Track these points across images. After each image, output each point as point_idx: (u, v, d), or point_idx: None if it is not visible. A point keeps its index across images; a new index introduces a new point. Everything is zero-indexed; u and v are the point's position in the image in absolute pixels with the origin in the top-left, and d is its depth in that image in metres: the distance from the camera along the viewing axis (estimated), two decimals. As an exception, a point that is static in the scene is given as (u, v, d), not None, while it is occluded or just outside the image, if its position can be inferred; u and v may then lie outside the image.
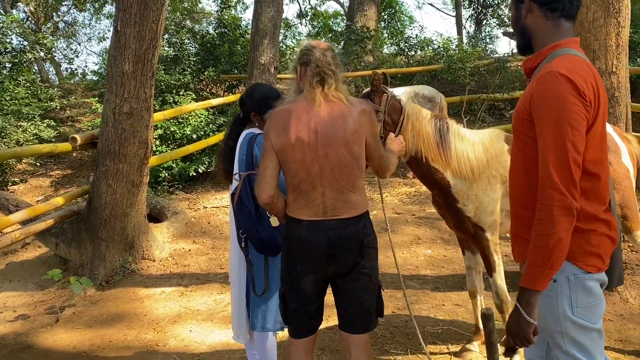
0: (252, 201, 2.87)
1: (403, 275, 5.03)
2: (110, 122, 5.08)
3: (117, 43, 4.93)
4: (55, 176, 9.75)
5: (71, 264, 5.62)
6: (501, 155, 3.27)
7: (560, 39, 1.91)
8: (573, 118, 1.74)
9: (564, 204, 1.74)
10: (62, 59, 20.09)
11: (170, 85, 9.37)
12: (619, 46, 4.23)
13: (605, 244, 1.91)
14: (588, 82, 1.78)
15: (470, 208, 3.23)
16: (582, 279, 1.87)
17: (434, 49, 11.53)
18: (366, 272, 2.48)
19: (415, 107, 3.24)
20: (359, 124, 2.40)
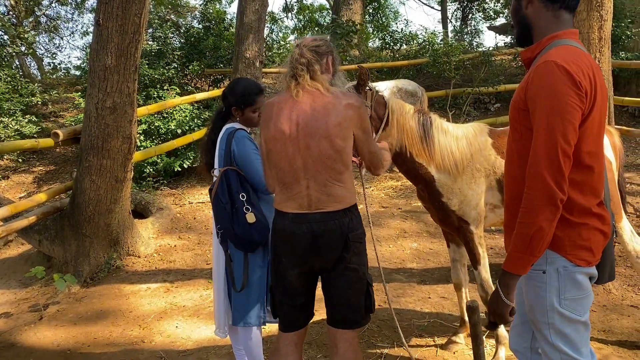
0: (227, 197, 2.88)
1: (390, 269, 5.06)
2: (93, 117, 5.01)
3: (99, 37, 4.86)
4: (38, 172, 9.62)
5: (55, 261, 5.55)
6: (485, 149, 3.28)
7: (559, 30, 1.92)
8: (565, 109, 1.74)
9: (547, 194, 1.75)
10: (44, 53, 19.77)
11: (154, 79, 9.28)
12: (601, 39, 4.27)
13: (597, 238, 1.92)
14: (585, 72, 1.78)
15: (454, 202, 3.25)
16: (571, 271, 1.89)
17: (419, 43, 11.55)
18: (352, 267, 2.44)
19: (398, 102, 3.26)
20: (343, 117, 2.35)
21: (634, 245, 3.53)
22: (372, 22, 19.02)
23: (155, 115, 8.40)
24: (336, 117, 2.34)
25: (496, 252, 5.32)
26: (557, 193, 1.76)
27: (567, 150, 1.76)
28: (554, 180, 1.75)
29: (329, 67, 2.50)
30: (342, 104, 2.37)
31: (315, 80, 2.39)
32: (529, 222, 1.79)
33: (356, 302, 2.49)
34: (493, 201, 3.31)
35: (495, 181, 3.27)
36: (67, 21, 22.40)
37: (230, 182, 2.92)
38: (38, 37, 18.90)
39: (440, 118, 3.34)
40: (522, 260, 1.83)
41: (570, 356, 1.92)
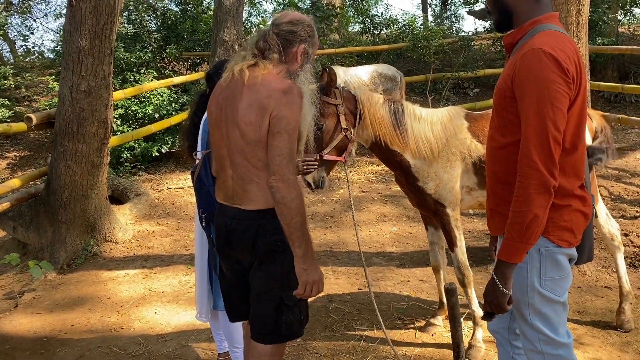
0: (211, 180, 2.78)
1: (369, 253, 5.09)
2: (68, 100, 4.91)
3: (72, 19, 4.74)
4: (11, 158, 9.42)
5: (30, 248, 5.45)
6: (460, 132, 3.31)
7: (540, 14, 1.91)
8: (554, 97, 1.75)
9: (541, 182, 1.77)
10: (16, 35, 19.26)
11: (130, 63, 9.12)
12: (579, 24, 4.30)
13: (579, 220, 1.95)
14: (571, 58, 1.79)
15: (430, 185, 3.28)
16: (552, 252, 1.92)
17: (400, 27, 11.53)
18: (261, 275, 2.23)
19: (367, 94, 3.27)
20: (258, 105, 2.05)
21: (609, 227, 3.60)
22: (352, 6, 18.92)
23: (132, 100, 8.26)
24: (249, 106, 2.08)
25: (474, 235, 5.38)
26: (550, 180, 1.77)
27: (557, 137, 1.78)
28: (547, 168, 1.77)
29: (297, 57, 2.20)
30: (265, 92, 2.06)
31: (263, 65, 2.14)
32: (524, 211, 1.80)
33: (264, 315, 2.24)
34: (469, 184, 3.35)
35: (471, 164, 3.30)
36: (41, 2, 21.83)
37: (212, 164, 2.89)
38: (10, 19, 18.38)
39: (413, 104, 3.36)
40: (518, 248, 1.84)
41: (548, 336, 1.96)
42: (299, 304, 2.24)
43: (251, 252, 2.22)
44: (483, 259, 4.75)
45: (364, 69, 8.46)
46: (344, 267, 4.76)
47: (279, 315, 2.21)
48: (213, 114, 2.23)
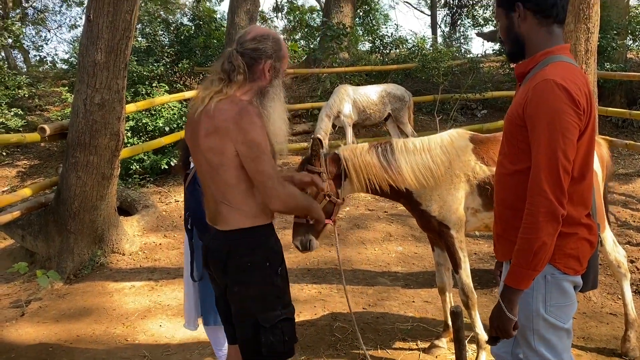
0: None
1: (374, 272, 5.10)
2: (81, 113, 4.99)
3: (89, 33, 4.84)
4: (22, 166, 9.51)
5: (38, 257, 5.50)
6: (464, 154, 3.34)
7: (552, 45, 1.95)
8: (566, 127, 1.79)
9: (550, 211, 1.80)
10: (30, 46, 19.54)
11: (142, 76, 9.23)
12: (588, 51, 4.35)
13: (584, 248, 1.97)
14: (582, 90, 1.83)
15: (434, 207, 3.31)
16: (558, 279, 1.94)
17: (409, 48, 11.63)
18: (234, 298, 2.22)
19: (349, 148, 3.35)
20: (214, 128, 2.07)
21: (616, 254, 3.60)
22: (362, 25, 19.09)
23: (143, 112, 8.36)
24: (207, 132, 2.10)
25: (480, 257, 5.38)
26: (559, 209, 1.81)
27: (567, 167, 1.81)
28: (556, 197, 1.80)
29: (264, 73, 2.18)
30: (221, 117, 2.07)
31: (228, 88, 2.13)
32: (532, 238, 1.83)
33: (244, 338, 2.24)
34: (474, 205, 3.37)
35: (476, 186, 3.33)
36: (55, 14, 22.18)
37: None
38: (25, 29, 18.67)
39: (404, 138, 3.40)
40: (525, 275, 1.87)
41: None
42: (279, 325, 2.20)
43: (223, 273, 2.21)
44: (488, 282, 4.75)
45: (373, 89, 8.54)
46: (348, 286, 4.76)
47: (258, 337, 2.18)
48: (188, 141, 2.28)
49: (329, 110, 8.08)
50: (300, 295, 4.59)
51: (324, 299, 4.53)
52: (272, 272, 2.21)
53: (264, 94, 2.20)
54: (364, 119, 8.43)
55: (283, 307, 2.24)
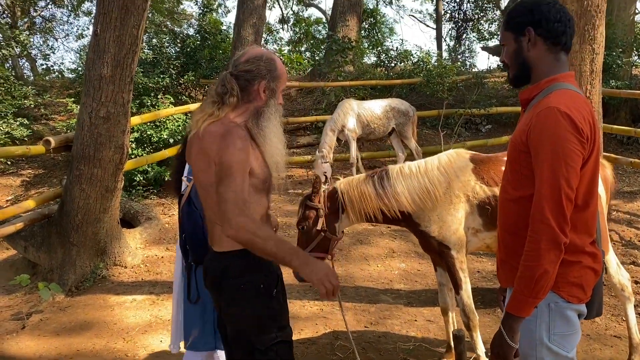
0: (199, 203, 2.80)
1: (377, 289, 5.07)
2: (86, 126, 5.00)
3: (96, 47, 4.86)
4: (26, 175, 9.54)
5: (40, 268, 5.49)
6: (464, 174, 3.36)
7: (557, 73, 1.96)
8: (569, 155, 1.79)
9: (552, 238, 1.80)
10: (37, 54, 19.72)
11: (148, 88, 9.28)
12: (593, 72, 4.34)
13: (589, 276, 1.96)
14: (586, 118, 1.83)
15: (433, 228, 3.33)
16: (562, 307, 1.93)
17: (414, 62, 11.67)
18: (229, 320, 2.22)
19: (345, 181, 3.44)
20: (199, 148, 2.13)
21: (619, 277, 3.58)
22: (367, 38, 19.20)
23: (148, 124, 8.38)
24: (196, 153, 2.16)
25: (483, 275, 5.35)
26: (561, 237, 1.80)
27: (570, 195, 1.81)
28: (558, 225, 1.79)
29: (259, 94, 2.21)
30: (208, 138, 2.11)
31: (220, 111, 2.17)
32: (534, 265, 1.82)
33: (237, 358, 2.24)
34: (474, 225, 3.38)
35: (476, 206, 3.33)
36: (63, 23, 22.40)
37: None
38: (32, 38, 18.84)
39: (401, 163, 3.51)
40: (527, 302, 1.86)
41: None
42: (274, 348, 2.17)
43: (219, 294, 2.21)
44: (491, 301, 4.72)
45: (378, 103, 8.56)
46: (350, 303, 4.75)
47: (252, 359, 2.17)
48: (188, 162, 2.35)
49: (334, 125, 8.10)
50: (302, 312, 4.57)
51: (326, 316, 4.51)
52: (267, 294, 2.19)
53: (260, 114, 2.21)
54: (368, 133, 8.44)
55: (279, 329, 2.21)
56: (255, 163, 2.14)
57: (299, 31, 24.20)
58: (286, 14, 24.30)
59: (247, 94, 2.19)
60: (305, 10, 25.03)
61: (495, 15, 21.03)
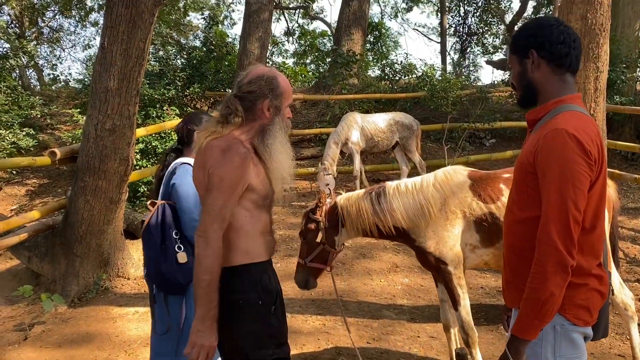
0: (159, 231, 2.80)
1: (380, 304, 5.05)
2: (92, 138, 5.04)
3: (103, 60, 4.91)
4: (31, 185, 9.59)
5: (43, 279, 5.50)
6: (461, 191, 3.41)
7: (564, 94, 1.96)
8: (576, 177, 1.79)
9: (559, 261, 1.79)
10: (44, 64, 19.90)
11: (154, 99, 9.34)
12: (597, 90, 4.36)
13: (595, 299, 1.95)
14: (594, 140, 1.83)
15: (429, 244, 3.38)
16: (568, 330, 1.92)
17: (418, 76, 11.71)
18: (226, 334, 2.17)
19: (345, 197, 3.55)
20: (200, 165, 2.16)
21: (622, 296, 3.57)
22: (372, 51, 19.30)
23: (153, 135, 8.42)
24: (197, 167, 2.20)
25: (486, 292, 5.33)
26: (568, 260, 1.79)
27: (577, 218, 1.81)
28: (565, 247, 1.79)
29: (264, 112, 2.22)
30: (208, 152, 2.14)
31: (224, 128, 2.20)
32: (541, 288, 1.81)
33: None
34: (472, 241, 3.41)
35: (473, 222, 3.37)
36: (70, 34, 22.60)
37: (165, 216, 2.84)
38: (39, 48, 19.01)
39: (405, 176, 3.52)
40: (533, 325, 1.85)
41: None
42: None
43: (222, 309, 2.18)
44: (495, 317, 4.69)
45: (382, 117, 8.58)
46: (353, 318, 4.73)
47: None
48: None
49: (337, 138, 8.12)
50: (304, 327, 4.56)
51: (328, 331, 4.49)
52: (265, 311, 2.18)
53: (266, 131, 2.23)
54: (372, 147, 8.45)
55: (276, 346, 2.21)
56: (256, 180, 2.16)
57: (304, 44, 24.35)
58: (291, 26, 24.46)
59: (252, 114, 2.23)
60: (311, 23, 25.18)
61: (499, 30, 21.12)
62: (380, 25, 20.16)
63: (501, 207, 3.30)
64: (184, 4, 20.75)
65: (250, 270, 2.18)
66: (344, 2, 13.99)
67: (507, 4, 21.47)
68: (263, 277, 2.20)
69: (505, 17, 20.70)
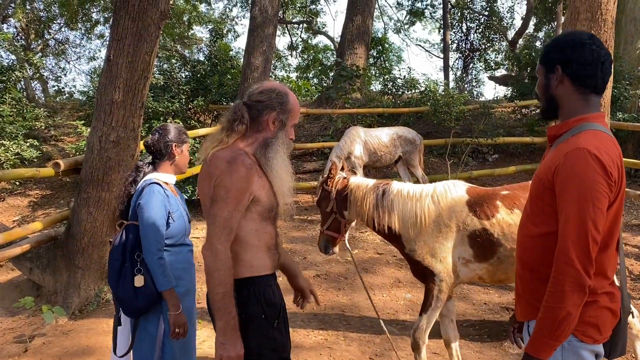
0: (120, 253, 2.80)
1: (382, 320, 5.01)
2: (96, 149, 5.05)
3: (108, 72, 4.94)
4: (34, 196, 9.59)
5: (44, 290, 5.48)
6: (457, 205, 3.48)
7: (587, 112, 1.94)
8: (596, 197, 1.78)
9: (576, 281, 1.78)
10: (48, 76, 20.04)
11: (158, 112, 9.37)
12: (600, 106, 4.35)
13: (605, 316, 1.93)
14: (615, 162, 1.82)
15: (419, 252, 3.48)
16: (576, 347, 1.91)
17: (421, 91, 11.75)
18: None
19: (358, 180, 3.73)
20: (206, 176, 2.16)
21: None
22: (375, 65, 19.41)
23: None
24: (202, 178, 2.20)
25: (490, 307, 5.29)
26: (586, 279, 1.78)
27: (596, 237, 1.80)
28: (583, 267, 1.78)
29: (269, 125, 2.23)
30: (213, 162, 2.14)
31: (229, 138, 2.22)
32: (557, 307, 1.80)
33: None
34: (465, 255, 3.47)
35: (467, 236, 3.43)
36: (75, 46, 22.79)
37: (129, 238, 2.83)
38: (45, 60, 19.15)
39: (403, 183, 3.73)
40: (547, 345, 1.84)
41: None
42: None
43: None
44: (498, 334, 4.65)
45: (385, 131, 8.60)
46: (355, 334, 4.70)
47: None
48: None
49: (340, 152, 8.13)
50: (306, 341, 4.53)
51: (330, 346, 4.46)
52: (268, 325, 2.17)
53: (268, 144, 2.23)
54: (375, 161, 8.46)
55: None
56: (261, 191, 2.16)
57: (307, 58, 24.51)
58: (295, 41, 24.63)
59: (257, 124, 2.23)
60: (314, 37, 25.37)
61: (501, 46, 21.26)
62: (383, 40, 20.29)
63: (496, 224, 3.38)
64: (189, 18, 20.95)
65: (254, 283, 2.16)
66: (347, 17, 14.11)
67: (509, 20, 21.67)
68: (267, 291, 2.19)
69: (508, 33, 20.85)
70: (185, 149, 3.17)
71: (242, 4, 23.45)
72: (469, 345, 4.47)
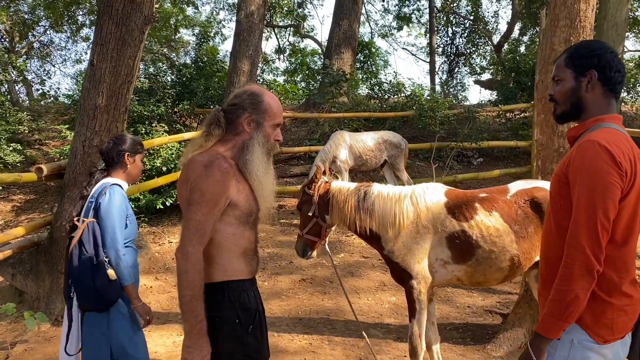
0: (92, 248, 2.91)
1: (367, 323, 5.04)
2: (79, 154, 5.02)
3: (92, 77, 4.92)
4: (17, 201, 9.50)
5: (27, 297, 5.42)
6: (435, 207, 3.54)
7: (605, 114, 2.03)
8: (606, 186, 1.85)
9: (585, 265, 1.85)
10: (33, 79, 19.82)
11: (143, 116, 9.33)
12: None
13: (621, 318, 1.98)
14: (625, 154, 1.89)
15: (397, 254, 3.51)
16: (585, 347, 1.95)
17: (407, 95, 11.81)
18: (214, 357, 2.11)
19: (339, 184, 3.78)
20: (184, 180, 2.16)
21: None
22: (362, 69, 19.47)
23: (141, 152, 8.39)
24: (180, 182, 2.21)
25: (473, 311, 5.34)
26: (595, 264, 1.85)
27: (606, 225, 1.87)
28: (593, 252, 1.85)
29: (244, 127, 2.24)
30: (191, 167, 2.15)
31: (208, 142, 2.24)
32: (567, 289, 1.87)
33: None
34: (443, 257, 3.52)
35: (445, 238, 3.48)
36: (60, 49, 22.59)
37: (96, 234, 2.97)
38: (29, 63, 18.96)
39: (384, 185, 3.77)
40: (556, 325, 1.91)
41: None
42: None
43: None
44: (482, 337, 4.70)
45: (370, 135, 8.64)
46: (340, 337, 4.71)
47: None
48: None
49: (324, 156, 8.14)
50: (290, 346, 4.53)
51: (315, 350, 4.47)
52: (242, 329, 2.15)
53: (246, 147, 2.24)
54: (360, 165, 8.49)
55: None
56: (239, 196, 2.16)
57: (294, 62, 24.53)
58: (282, 44, 24.66)
59: (234, 127, 2.26)
60: (302, 41, 25.39)
61: (487, 50, 21.44)
62: (370, 44, 20.37)
63: (474, 226, 3.44)
64: (175, 21, 20.87)
65: (229, 287, 2.16)
66: (334, 22, 14.16)
67: (494, 25, 21.88)
68: (242, 295, 2.18)
69: (493, 37, 21.04)
70: (138, 159, 3.30)
71: (230, 8, 23.43)
72: (452, 348, 4.50)
